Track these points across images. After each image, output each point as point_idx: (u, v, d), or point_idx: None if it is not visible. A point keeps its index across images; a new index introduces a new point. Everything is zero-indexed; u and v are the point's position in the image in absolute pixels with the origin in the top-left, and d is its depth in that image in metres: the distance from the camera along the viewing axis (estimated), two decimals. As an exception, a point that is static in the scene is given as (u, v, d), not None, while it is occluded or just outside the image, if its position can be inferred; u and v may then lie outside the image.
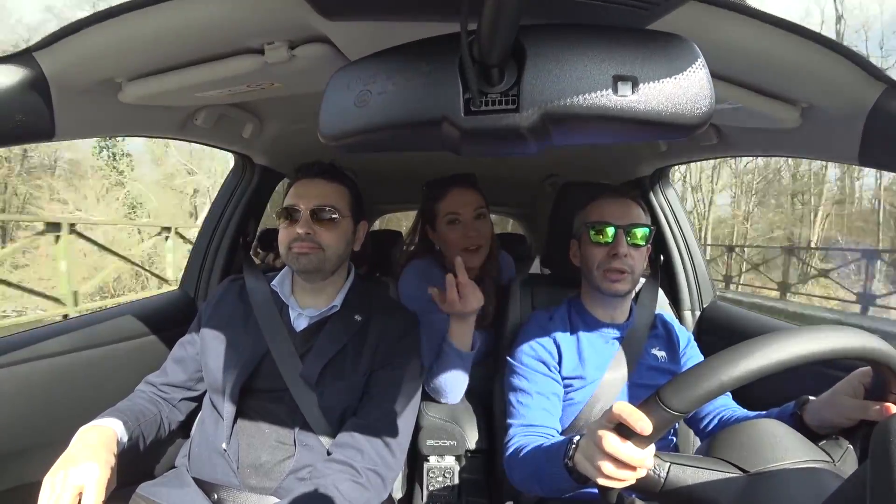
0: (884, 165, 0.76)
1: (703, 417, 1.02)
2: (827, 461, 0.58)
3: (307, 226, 0.98)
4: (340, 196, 1.03)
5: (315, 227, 0.98)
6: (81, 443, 0.80)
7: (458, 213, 1.31)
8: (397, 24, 0.57)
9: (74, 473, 0.73)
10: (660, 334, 1.12)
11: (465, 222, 1.31)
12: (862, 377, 0.67)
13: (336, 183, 1.04)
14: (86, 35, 0.64)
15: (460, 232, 1.31)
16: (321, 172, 1.04)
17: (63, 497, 0.70)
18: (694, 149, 1.28)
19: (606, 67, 0.46)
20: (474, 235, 1.31)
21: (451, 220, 1.32)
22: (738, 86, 0.75)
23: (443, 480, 1.24)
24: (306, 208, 0.99)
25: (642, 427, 0.53)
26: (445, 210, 1.33)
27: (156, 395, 1.03)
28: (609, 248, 1.00)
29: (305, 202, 0.99)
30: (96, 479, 0.73)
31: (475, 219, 1.32)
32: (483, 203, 1.35)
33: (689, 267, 1.54)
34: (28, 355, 0.99)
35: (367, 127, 0.52)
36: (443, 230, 1.33)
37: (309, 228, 0.98)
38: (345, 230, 1.03)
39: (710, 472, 0.57)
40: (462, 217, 1.31)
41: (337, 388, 0.97)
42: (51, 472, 0.74)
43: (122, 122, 0.94)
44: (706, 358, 0.54)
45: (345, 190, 1.05)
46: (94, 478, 0.73)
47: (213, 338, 1.02)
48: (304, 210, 0.98)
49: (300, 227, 0.98)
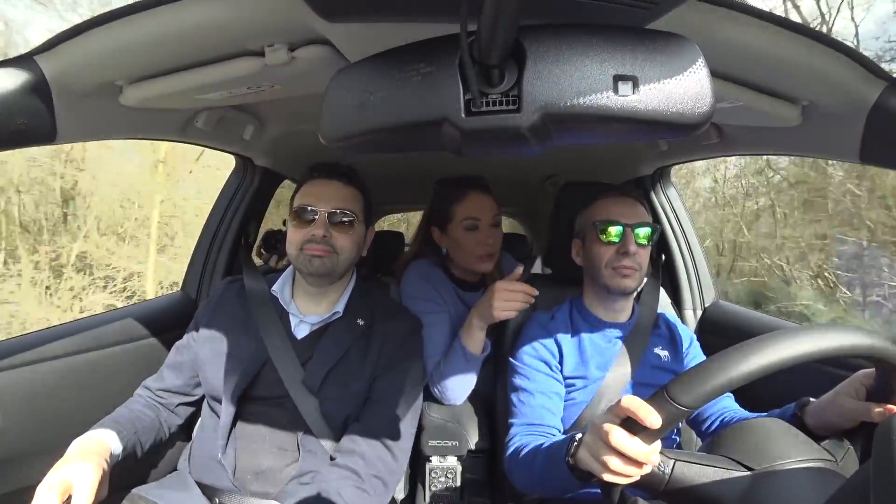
0: (885, 163, 0.76)
1: (705, 419, 1.02)
2: (831, 461, 0.58)
3: (324, 228, 0.96)
4: (357, 200, 1.02)
5: (331, 230, 0.97)
6: (75, 450, 0.80)
7: (478, 219, 1.28)
8: (397, 26, 0.57)
9: (66, 472, 0.73)
10: (662, 333, 1.11)
11: (483, 229, 1.28)
12: (864, 378, 0.67)
13: (353, 187, 1.03)
14: (86, 38, 0.64)
15: (477, 239, 1.28)
16: (339, 175, 1.02)
17: (53, 489, 0.70)
18: (695, 148, 1.28)
19: (607, 67, 0.46)
20: (491, 243, 1.28)
21: (470, 226, 1.28)
22: (739, 84, 0.75)
23: (445, 481, 1.24)
24: (323, 210, 0.97)
25: (651, 421, 0.52)
26: (464, 214, 1.28)
27: (153, 399, 1.02)
28: (618, 247, 1.00)
29: (323, 204, 0.97)
30: (88, 480, 0.73)
31: (492, 226, 1.30)
32: (499, 210, 1.33)
33: (691, 266, 1.54)
34: (30, 358, 0.99)
35: (368, 128, 0.52)
36: (458, 234, 1.29)
37: (325, 231, 0.96)
38: (359, 235, 1.03)
39: (715, 469, 0.57)
40: (481, 223, 1.28)
41: (339, 395, 0.96)
42: (46, 477, 0.73)
43: (123, 125, 0.94)
44: (714, 354, 0.54)
45: (360, 195, 1.04)
46: (85, 478, 0.73)
47: (212, 343, 1.01)
48: (321, 212, 0.97)
49: (316, 228, 0.96)
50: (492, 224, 1.30)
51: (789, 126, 0.84)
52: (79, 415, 0.97)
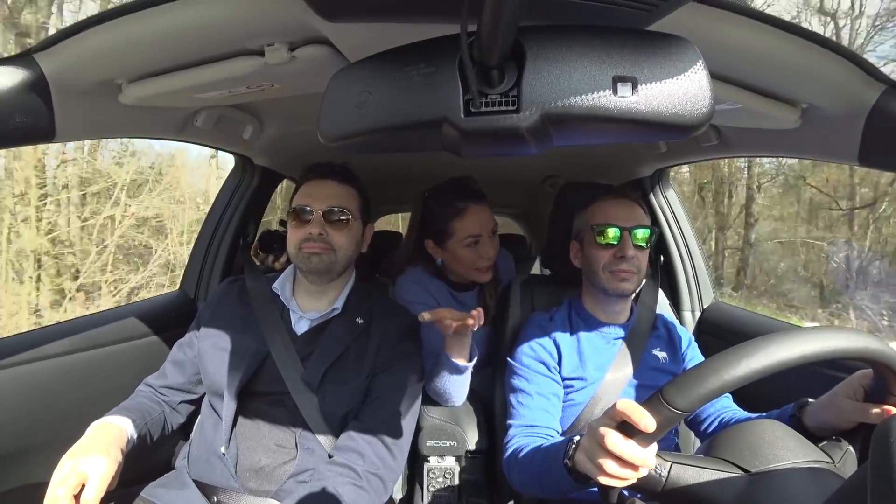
0: (884, 166, 0.76)
1: (703, 419, 1.02)
2: (828, 462, 0.58)
3: (319, 226, 0.98)
4: (352, 198, 1.04)
5: (327, 228, 0.99)
6: (94, 436, 0.82)
7: (479, 235, 1.26)
8: (397, 26, 0.57)
9: (83, 464, 0.75)
10: (661, 335, 1.11)
11: (484, 242, 1.27)
12: (861, 379, 0.67)
13: (348, 185, 1.04)
14: (86, 37, 0.64)
15: (479, 253, 1.26)
16: (333, 174, 1.04)
17: (68, 481, 0.72)
18: (694, 149, 1.28)
19: (606, 68, 0.46)
20: (492, 254, 1.28)
21: (472, 243, 1.26)
22: (738, 86, 0.75)
23: (443, 481, 1.24)
24: (319, 209, 0.99)
25: (646, 424, 0.53)
26: (466, 232, 1.25)
27: (155, 395, 1.03)
28: (615, 250, 0.99)
29: (318, 203, 0.99)
30: (101, 473, 0.75)
31: (491, 237, 1.29)
32: (495, 219, 1.32)
33: (690, 268, 1.54)
34: (30, 357, 0.99)
35: (367, 128, 0.52)
36: (459, 252, 1.27)
37: (321, 229, 0.98)
38: (355, 232, 1.04)
39: (712, 471, 0.57)
40: (482, 238, 1.27)
41: (339, 392, 0.96)
42: (62, 459, 0.76)
43: (123, 124, 0.94)
44: (709, 357, 0.54)
45: (355, 192, 1.05)
46: (99, 471, 0.75)
47: (213, 340, 1.02)
48: (316, 211, 0.99)
49: (312, 227, 0.98)
50: (491, 235, 1.30)
51: (788, 128, 0.84)
52: (78, 413, 0.97)
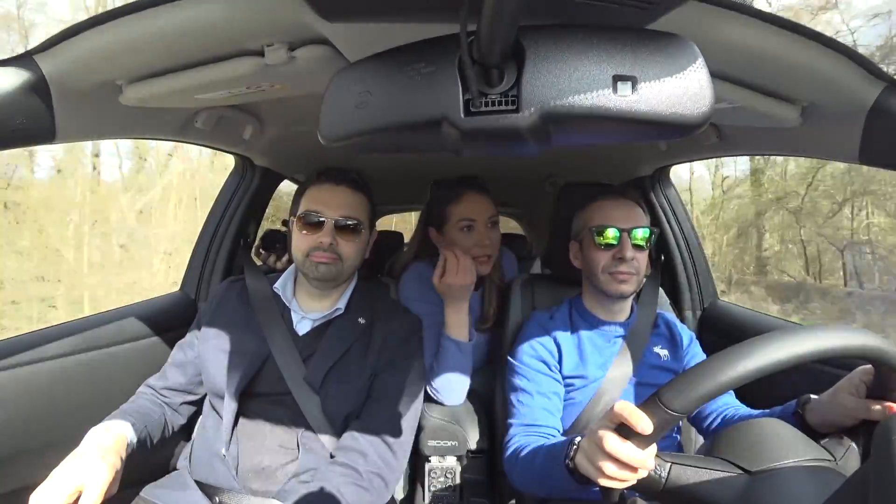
0: (884, 163, 0.76)
1: (706, 416, 1.02)
2: (829, 460, 0.58)
3: (331, 236, 0.96)
4: (363, 207, 1.02)
5: (338, 237, 0.97)
6: (93, 443, 0.80)
7: (474, 220, 1.27)
8: (397, 26, 0.57)
9: (80, 470, 0.73)
10: (662, 333, 1.11)
11: (479, 230, 1.27)
12: (863, 375, 0.67)
13: (360, 193, 1.02)
14: (86, 38, 0.64)
15: (473, 239, 1.27)
16: (347, 181, 1.01)
17: (63, 488, 0.70)
18: (694, 148, 1.28)
19: (606, 67, 0.46)
20: (487, 244, 1.27)
21: (465, 227, 1.27)
22: (738, 85, 0.74)
23: (444, 481, 1.24)
24: (331, 217, 0.97)
25: (643, 427, 0.53)
26: (460, 215, 1.27)
27: (157, 397, 1.03)
28: (614, 252, 0.99)
29: (331, 211, 0.97)
30: (99, 481, 0.73)
31: (489, 227, 1.29)
32: (496, 211, 1.32)
33: (690, 267, 1.54)
34: (30, 358, 0.99)
35: (368, 128, 0.52)
36: (454, 235, 1.28)
37: (332, 239, 0.96)
38: (364, 241, 1.03)
39: (712, 471, 0.57)
40: (477, 224, 1.27)
41: (341, 392, 0.96)
42: (59, 466, 0.74)
43: (123, 125, 0.94)
44: (706, 358, 0.54)
45: (367, 201, 1.03)
46: (97, 479, 0.73)
47: (214, 340, 1.02)
48: (328, 219, 0.96)
49: (324, 236, 0.96)
50: (488, 225, 1.29)
51: (789, 126, 0.84)
52: (79, 415, 0.97)
